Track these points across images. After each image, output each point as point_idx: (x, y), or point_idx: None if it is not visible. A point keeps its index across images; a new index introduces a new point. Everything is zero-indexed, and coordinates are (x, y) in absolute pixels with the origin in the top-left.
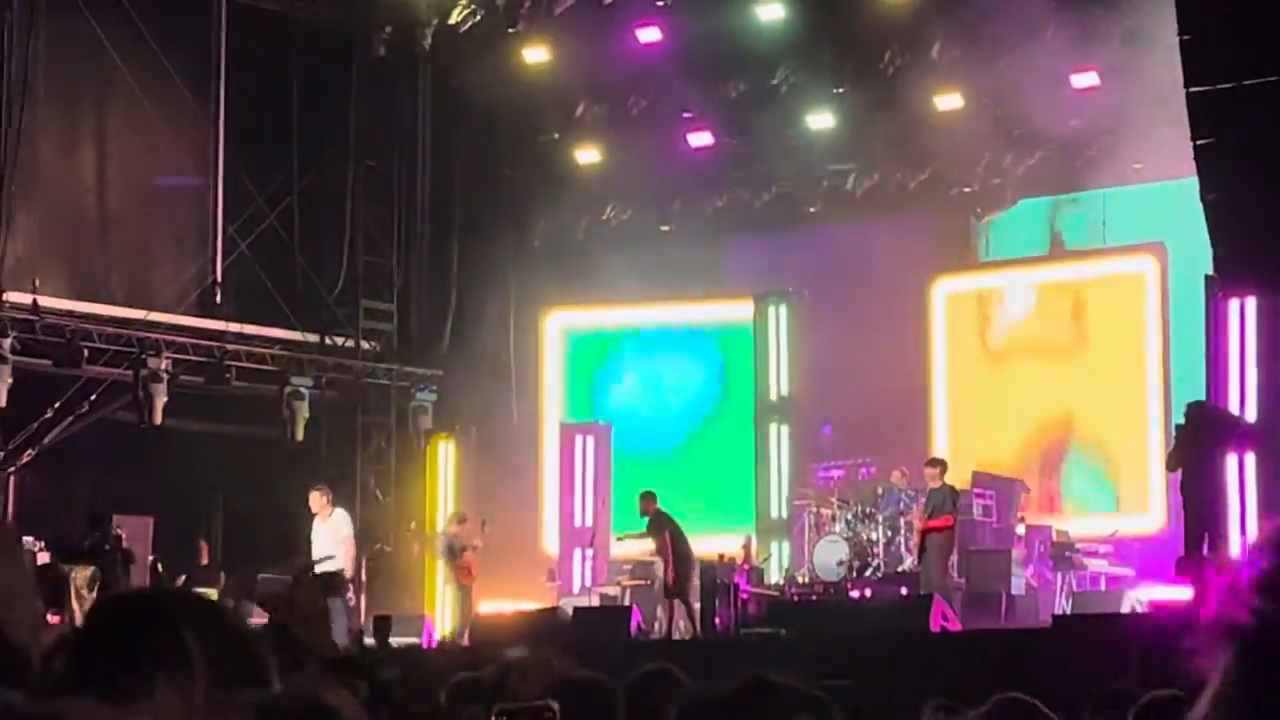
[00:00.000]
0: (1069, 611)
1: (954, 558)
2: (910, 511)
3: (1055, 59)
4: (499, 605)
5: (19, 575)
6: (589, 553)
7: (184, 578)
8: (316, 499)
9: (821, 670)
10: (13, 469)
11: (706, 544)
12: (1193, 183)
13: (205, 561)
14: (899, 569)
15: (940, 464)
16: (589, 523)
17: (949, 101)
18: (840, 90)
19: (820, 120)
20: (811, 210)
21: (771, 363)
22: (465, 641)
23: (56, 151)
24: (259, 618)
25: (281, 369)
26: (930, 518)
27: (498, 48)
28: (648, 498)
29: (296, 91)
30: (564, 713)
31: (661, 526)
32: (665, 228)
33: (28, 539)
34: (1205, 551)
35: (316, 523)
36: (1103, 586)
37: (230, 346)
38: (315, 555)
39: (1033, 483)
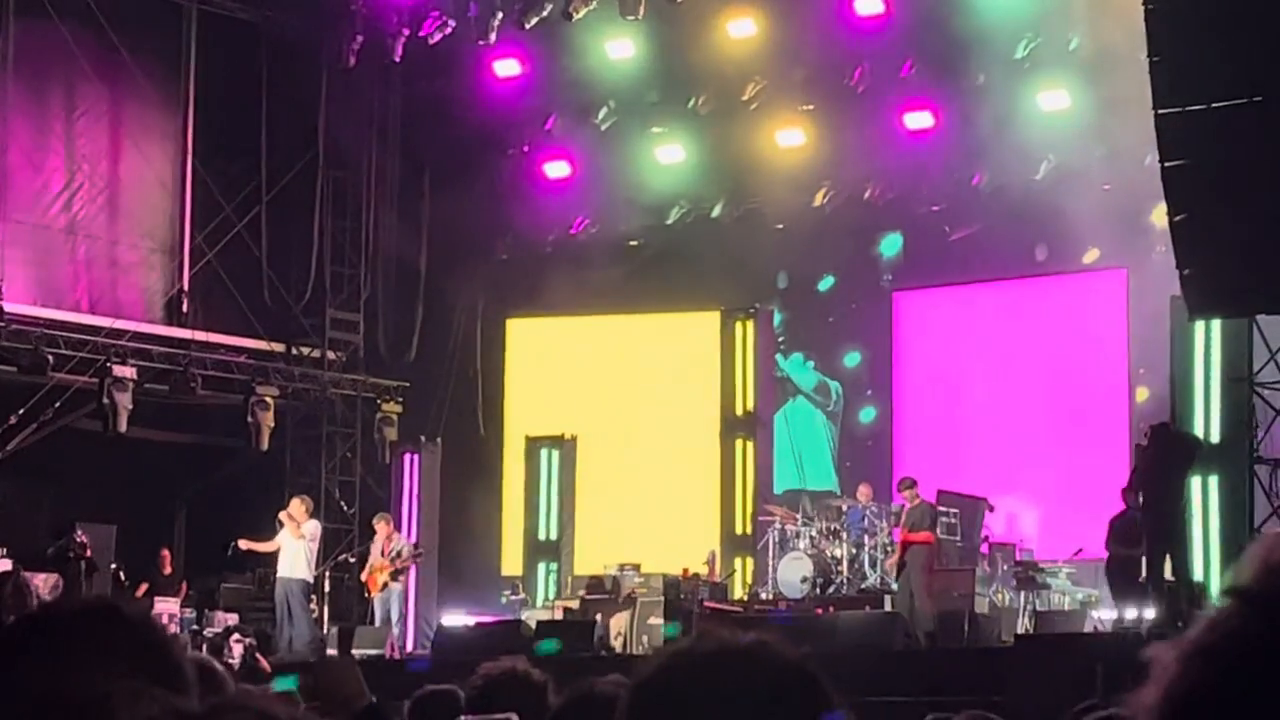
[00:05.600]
0: (1032, 631)
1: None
2: (875, 529)
3: (1022, 79)
4: (462, 618)
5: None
6: (553, 566)
7: (146, 586)
8: (298, 506)
9: None
10: None
11: (670, 560)
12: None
13: (168, 570)
14: (863, 586)
15: (913, 483)
16: (553, 537)
17: (919, 120)
18: (810, 107)
19: (789, 137)
20: (779, 226)
21: (738, 378)
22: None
23: (23, 157)
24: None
25: (247, 378)
26: (912, 531)
27: (468, 59)
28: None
29: (266, 101)
30: None
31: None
32: (633, 241)
33: None
34: (1168, 573)
35: (288, 531)
36: (1065, 606)
37: (196, 355)
38: (282, 562)
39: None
